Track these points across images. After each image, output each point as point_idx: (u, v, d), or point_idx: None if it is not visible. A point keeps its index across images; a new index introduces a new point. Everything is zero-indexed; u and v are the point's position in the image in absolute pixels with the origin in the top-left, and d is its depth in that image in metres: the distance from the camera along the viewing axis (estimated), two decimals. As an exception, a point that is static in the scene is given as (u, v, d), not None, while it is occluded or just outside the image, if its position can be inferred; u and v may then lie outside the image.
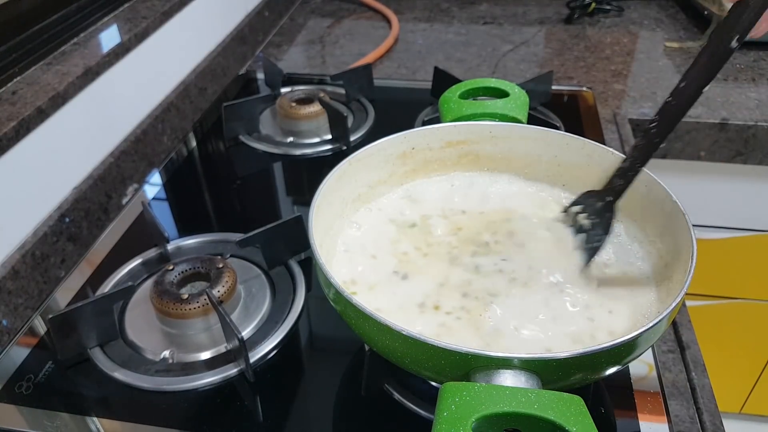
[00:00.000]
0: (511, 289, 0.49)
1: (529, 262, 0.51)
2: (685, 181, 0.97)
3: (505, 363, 0.37)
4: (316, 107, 0.85)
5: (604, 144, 0.56)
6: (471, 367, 0.37)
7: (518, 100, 0.63)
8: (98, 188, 0.73)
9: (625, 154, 0.48)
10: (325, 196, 0.52)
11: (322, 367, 0.55)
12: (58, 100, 0.66)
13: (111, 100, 0.76)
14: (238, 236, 0.61)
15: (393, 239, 0.55)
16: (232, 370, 0.53)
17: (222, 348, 0.55)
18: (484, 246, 0.53)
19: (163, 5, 0.86)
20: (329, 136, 0.86)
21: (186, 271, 0.59)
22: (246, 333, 0.56)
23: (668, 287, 0.46)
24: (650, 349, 0.54)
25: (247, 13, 1.12)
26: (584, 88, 0.97)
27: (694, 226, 0.45)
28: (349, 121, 0.89)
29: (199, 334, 0.56)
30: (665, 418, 0.49)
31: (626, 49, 1.11)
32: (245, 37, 1.09)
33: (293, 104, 0.86)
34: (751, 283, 1.10)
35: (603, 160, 0.55)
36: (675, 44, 1.10)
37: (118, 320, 0.58)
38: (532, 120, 0.64)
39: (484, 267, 0.51)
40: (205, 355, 0.55)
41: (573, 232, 0.52)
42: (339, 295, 0.42)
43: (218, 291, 0.56)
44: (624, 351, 0.39)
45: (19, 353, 0.56)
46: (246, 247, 0.62)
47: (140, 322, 0.58)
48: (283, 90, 0.95)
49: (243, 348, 0.50)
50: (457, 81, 0.74)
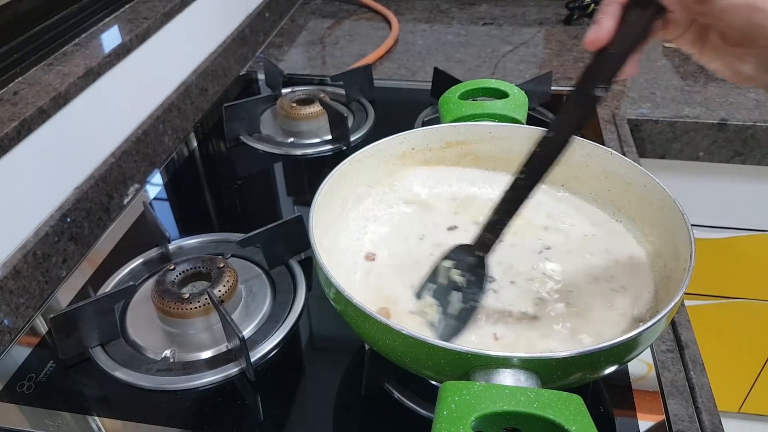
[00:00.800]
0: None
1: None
2: (684, 181, 0.97)
3: (505, 362, 0.37)
4: (317, 108, 0.86)
5: (603, 144, 0.56)
6: (471, 366, 0.37)
7: (517, 101, 0.63)
8: (99, 188, 0.73)
9: (494, 207, 0.45)
10: (326, 196, 0.52)
11: (322, 367, 0.55)
12: (60, 101, 0.66)
13: (112, 100, 0.76)
14: (238, 236, 0.61)
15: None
16: (232, 370, 0.53)
17: (223, 347, 0.55)
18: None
19: (164, 6, 0.87)
20: (329, 137, 0.86)
21: (187, 270, 0.59)
22: (247, 332, 0.57)
23: (667, 287, 0.47)
24: (649, 348, 0.55)
25: (248, 14, 1.13)
26: (584, 89, 0.97)
27: (692, 225, 0.45)
28: (350, 122, 0.89)
29: (200, 334, 0.56)
30: (664, 417, 0.49)
31: (625, 50, 1.11)
32: (246, 38, 1.09)
33: (294, 105, 0.86)
34: (749, 283, 1.10)
35: (601, 161, 0.55)
36: (674, 45, 1.10)
37: (119, 320, 0.58)
38: (532, 120, 0.65)
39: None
40: (206, 355, 0.55)
41: (447, 288, 0.47)
42: (339, 295, 0.42)
43: (219, 290, 0.56)
44: (623, 350, 0.39)
45: (20, 353, 0.56)
46: (247, 247, 0.62)
47: (141, 322, 0.58)
48: (284, 90, 0.95)
49: (244, 347, 0.50)
50: (456, 82, 0.75)
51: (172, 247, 0.66)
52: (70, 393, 0.52)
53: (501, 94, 0.65)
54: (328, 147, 0.84)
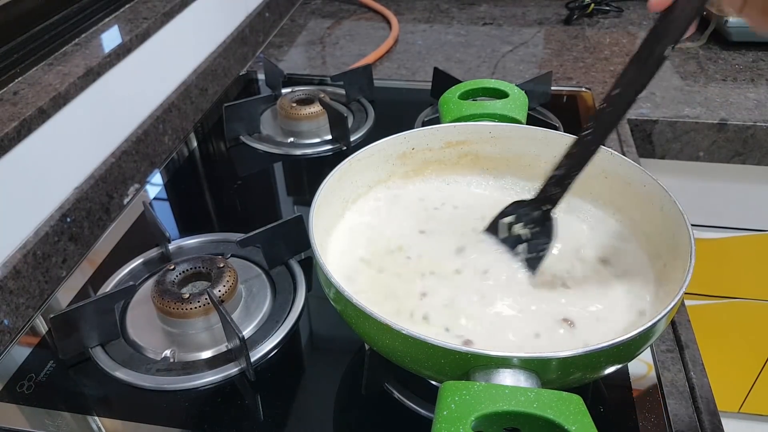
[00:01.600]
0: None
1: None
2: (684, 181, 0.97)
3: (505, 362, 0.37)
4: (317, 108, 0.86)
5: (603, 144, 0.56)
6: (470, 366, 0.37)
7: (517, 101, 0.64)
8: (99, 188, 0.73)
9: (559, 162, 0.47)
10: (326, 196, 0.52)
11: (322, 367, 0.55)
12: (60, 101, 0.66)
13: (112, 100, 0.76)
14: (238, 236, 0.61)
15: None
16: (232, 370, 0.53)
17: (223, 347, 0.55)
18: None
19: (164, 6, 0.87)
20: (329, 137, 0.86)
21: (187, 270, 0.59)
22: (247, 332, 0.57)
23: (667, 287, 0.47)
24: (649, 348, 0.55)
25: (248, 14, 1.13)
26: (583, 89, 0.97)
27: (692, 225, 0.45)
28: (349, 122, 0.89)
29: (200, 334, 0.56)
30: (664, 417, 0.49)
31: (625, 50, 1.11)
32: (246, 38, 1.10)
33: (294, 105, 0.86)
34: (749, 283, 1.10)
35: (601, 161, 0.55)
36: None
37: (119, 320, 0.58)
38: (532, 120, 0.65)
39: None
40: (206, 355, 0.55)
41: (509, 243, 0.51)
42: (339, 295, 0.42)
43: (219, 290, 0.56)
44: (623, 350, 0.39)
45: (20, 353, 0.56)
46: (247, 247, 0.62)
47: (141, 322, 0.58)
48: (284, 90, 0.95)
49: (244, 347, 0.51)
50: (456, 82, 0.75)
51: (172, 247, 0.66)
52: (70, 393, 0.52)
53: (501, 94, 0.65)
54: (328, 147, 0.84)
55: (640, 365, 0.54)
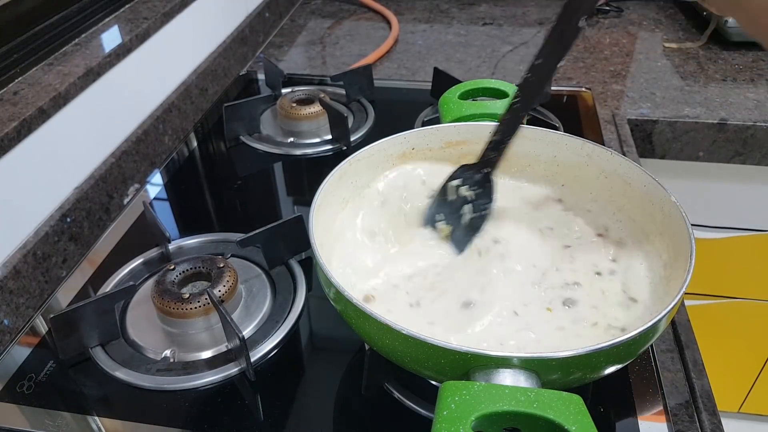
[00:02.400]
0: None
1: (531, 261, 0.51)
2: (684, 181, 0.97)
3: (505, 362, 0.37)
4: (317, 108, 0.86)
5: (603, 144, 0.56)
6: (471, 366, 0.37)
7: (518, 101, 0.63)
8: (100, 188, 0.73)
9: (494, 129, 0.51)
10: (326, 196, 0.52)
11: (322, 367, 0.55)
12: (60, 101, 0.66)
13: (112, 100, 0.76)
14: (238, 236, 0.61)
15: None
16: (233, 370, 0.53)
17: (223, 347, 0.55)
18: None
19: (164, 6, 0.87)
20: (329, 137, 0.86)
21: (187, 270, 0.59)
22: (247, 332, 0.57)
23: (667, 286, 0.47)
24: (649, 348, 0.55)
25: (248, 14, 1.13)
26: (583, 89, 0.97)
27: (692, 225, 0.45)
28: (350, 122, 0.89)
29: (200, 334, 0.56)
30: (664, 417, 0.49)
31: (625, 50, 1.11)
32: (246, 38, 1.10)
33: (294, 105, 0.86)
34: (749, 283, 1.10)
35: (601, 161, 0.55)
36: (674, 45, 1.10)
37: (119, 320, 0.58)
38: (531, 120, 0.65)
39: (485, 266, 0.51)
40: (206, 355, 0.55)
41: (456, 204, 0.55)
42: (339, 295, 0.42)
43: (219, 290, 0.56)
44: (623, 350, 0.39)
45: (20, 353, 0.56)
46: (247, 247, 0.62)
47: (141, 322, 0.58)
48: (284, 90, 0.95)
49: (244, 347, 0.51)
50: (456, 82, 0.75)
51: (172, 247, 0.66)
52: (70, 393, 0.52)
53: (501, 94, 0.65)
54: (328, 147, 0.84)
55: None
